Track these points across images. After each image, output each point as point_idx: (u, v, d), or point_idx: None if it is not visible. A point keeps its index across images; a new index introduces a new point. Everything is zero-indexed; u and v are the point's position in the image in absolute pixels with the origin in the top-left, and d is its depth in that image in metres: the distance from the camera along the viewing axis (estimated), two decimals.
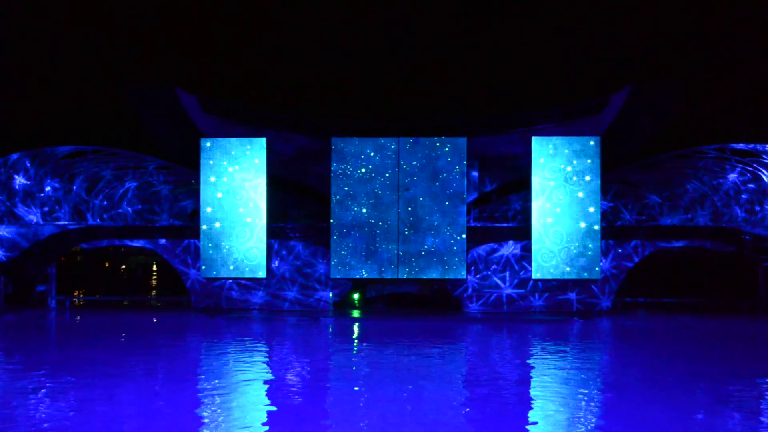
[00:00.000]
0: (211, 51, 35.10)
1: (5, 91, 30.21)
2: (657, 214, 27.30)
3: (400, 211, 24.88)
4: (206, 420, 11.28)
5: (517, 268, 25.68)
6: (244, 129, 26.66)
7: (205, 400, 12.72)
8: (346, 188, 25.04)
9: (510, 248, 25.75)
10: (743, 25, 31.60)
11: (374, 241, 24.89)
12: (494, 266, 25.75)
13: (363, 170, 25.02)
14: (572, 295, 25.56)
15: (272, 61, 35.02)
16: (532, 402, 12.82)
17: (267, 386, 14.14)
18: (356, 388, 13.68)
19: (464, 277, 24.93)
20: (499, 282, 25.64)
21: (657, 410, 11.69)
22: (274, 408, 12.24)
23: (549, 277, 24.63)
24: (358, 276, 25.21)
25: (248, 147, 25.07)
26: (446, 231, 24.74)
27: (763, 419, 11.40)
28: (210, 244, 25.02)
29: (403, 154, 24.96)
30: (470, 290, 25.77)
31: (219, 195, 25.04)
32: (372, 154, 25.00)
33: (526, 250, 25.20)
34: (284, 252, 26.17)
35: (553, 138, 24.80)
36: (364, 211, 24.96)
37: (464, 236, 24.77)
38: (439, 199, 24.80)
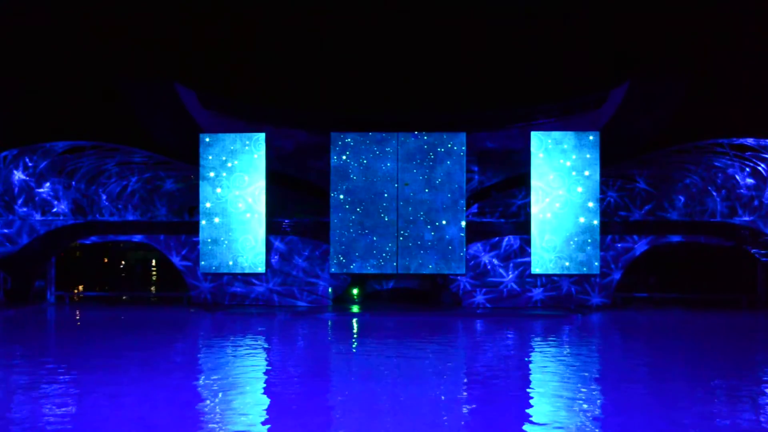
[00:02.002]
0: (210, 46, 35.05)
1: (3, 87, 30.16)
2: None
3: (400, 206, 24.89)
4: (205, 414, 11.29)
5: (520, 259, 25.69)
6: (244, 124, 26.64)
7: (204, 394, 12.73)
8: (345, 183, 25.04)
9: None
10: (743, 19, 31.58)
11: (373, 236, 24.89)
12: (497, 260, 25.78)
13: (362, 165, 25.01)
14: (572, 289, 25.57)
15: (272, 56, 34.98)
16: (529, 396, 12.84)
17: (265, 380, 14.14)
18: (353, 380, 13.72)
19: (463, 272, 24.94)
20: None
21: (654, 403, 11.71)
22: (271, 402, 12.24)
23: (548, 272, 24.66)
24: (357, 271, 25.23)
25: (247, 142, 25.06)
26: (445, 226, 24.75)
27: (760, 413, 11.42)
28: (209, 239, 25.02)
29: (403, 148, 24.96)
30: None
31: (218, 190, 25.03)
32: (371, 148, 25.00)
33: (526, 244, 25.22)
34: (283, 247, 26.16)
35: (553, 133, 24.81)
36: (363, 205, 24.96)
37: (463, 231, 24.78)
38: (438, 193, 24.81)
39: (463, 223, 24.80)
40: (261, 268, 25.06)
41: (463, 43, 34.46)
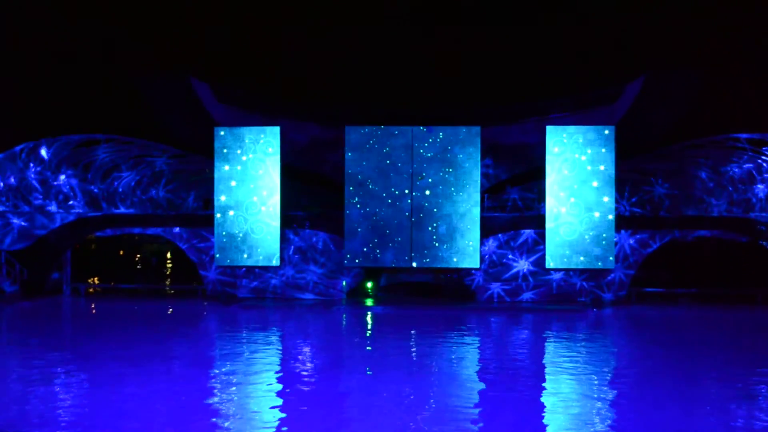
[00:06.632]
0: (225, 40, 35.11)
1: (20, 81, 30.36)
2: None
3: (414, 200, 24.87)
4: (217, 406, 11.38)
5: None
6: (258, 118, 26.68)
7: (217, 386, 12.84)
8: (359, 177, 25.04)
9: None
10: (761, 11, 31.23)
11: (387, 230, 24.89)
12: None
13: (376, 159, 25.00)
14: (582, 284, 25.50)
15: (286, 50, 35.00)
16: (541, 391, 12.85)
17: (278, 373, 14.22)
18: (368, 371, 13.78)
19: (477, 266, 24.91)
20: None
21: (670, 400, 11.68)
22: (283, 396, 12.30)
23: (563, 266, 24.59)
24: (371, 265, 25.26)
25: (262, 136, 25.10)
26: (460, 220, 24.71)
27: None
28: (224, 233, 25.12)
29: (417, 142, 24.91)
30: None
31: (233, 183, 25.11)
32: (386, 142, 24.98)
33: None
34: (298, 240, 26.22)
35: (568, 127, 24.67)
36: (377, 199, 24.96)
37: (478, 225, 24.73)
38: (452, 187, 24.76)
39: (478, 218, 24.74)
40: (275, 261, 25.14)
41: (478, 37, 34.34)
